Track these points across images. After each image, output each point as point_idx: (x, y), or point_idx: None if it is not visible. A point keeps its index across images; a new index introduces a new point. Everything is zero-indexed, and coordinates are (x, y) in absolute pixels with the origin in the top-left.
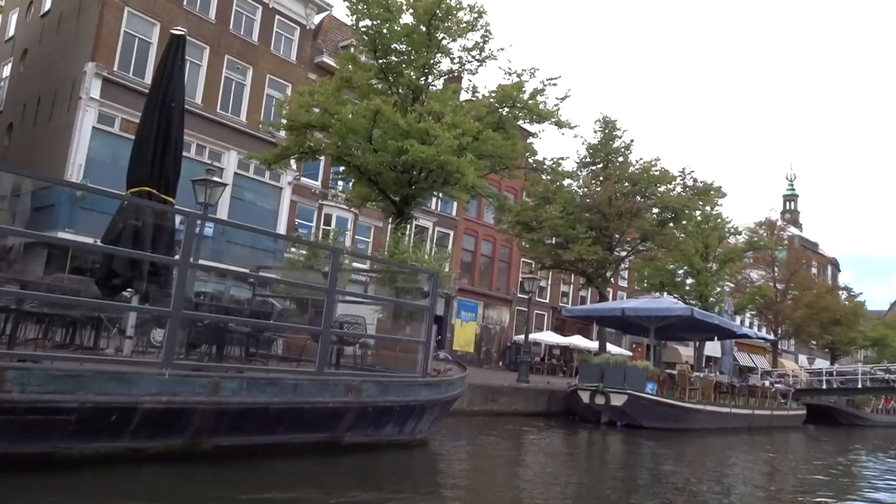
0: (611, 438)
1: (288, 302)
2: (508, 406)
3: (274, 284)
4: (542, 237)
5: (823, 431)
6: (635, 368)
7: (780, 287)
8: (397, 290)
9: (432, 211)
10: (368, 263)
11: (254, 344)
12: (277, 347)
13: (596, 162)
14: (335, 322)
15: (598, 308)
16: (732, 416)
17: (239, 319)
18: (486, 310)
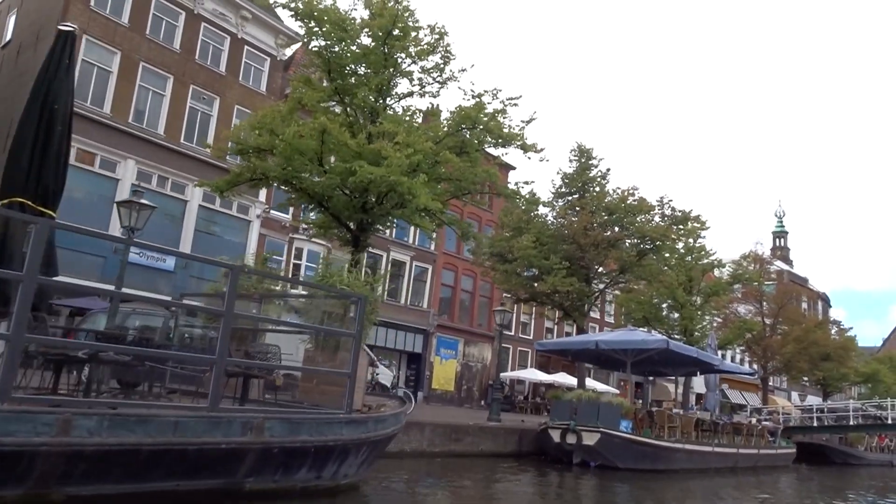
0: (581, 481)
1: (210, 331)
2: (474, 446)
3: (200, 313)
4: (517, 269)
5: (815, 471)
6: (609, 405)
7: (768, 322)
8: (323, 317)
9: (409, 245)
10: (301, 289)
11: (141, 376)
12: (200, 382)
13: (571, 192)
14: (244, 351)
15: (572, 341)
16: (715, 456)
17: (94, 345)
18: (466, 347)
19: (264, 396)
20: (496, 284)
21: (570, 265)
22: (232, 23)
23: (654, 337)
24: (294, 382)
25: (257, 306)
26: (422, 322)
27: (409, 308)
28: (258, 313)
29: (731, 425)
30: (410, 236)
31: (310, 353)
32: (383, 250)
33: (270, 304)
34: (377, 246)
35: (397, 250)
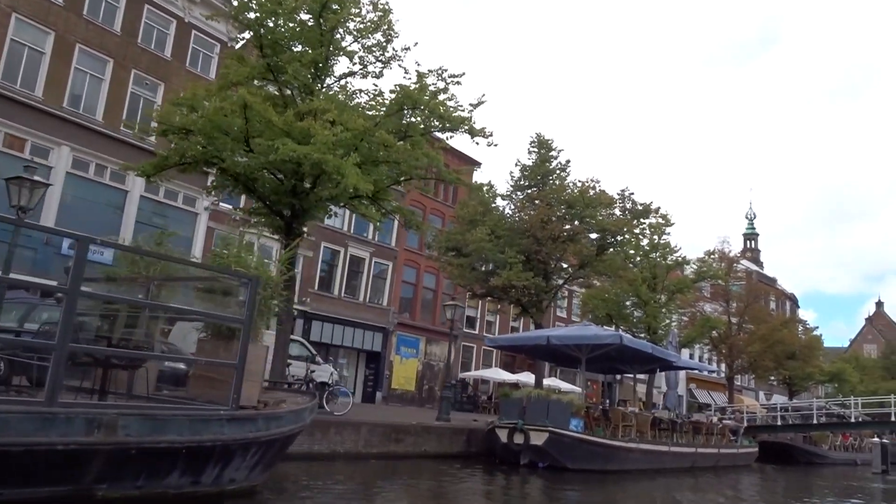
0: (527, 483)
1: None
2: (416, 447)
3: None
4: (472, 263)
5: (777, 470)
6: (559, 403)
7: (734, 320)
8: (214, 301)
9: (369, 241)
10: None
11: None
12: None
13: (530, 184)
14: (109, 340)
15: (524, 337)
16: (672, 456)
17: None
18: (428, 346)
19: (149, 392)
20: (451, 279)
21: (527, 259)
22: (178, 6)
23: (607, 332)
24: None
25: (145, 291)
26: (381, 320)
27: (369, 306)
28: (147, 299)
29: (690, 424)
30: (370, 232)
31: (202, 343)
32: (341, 246)
33: (165, 288)
34: (335, 241)
35: (356, 246)
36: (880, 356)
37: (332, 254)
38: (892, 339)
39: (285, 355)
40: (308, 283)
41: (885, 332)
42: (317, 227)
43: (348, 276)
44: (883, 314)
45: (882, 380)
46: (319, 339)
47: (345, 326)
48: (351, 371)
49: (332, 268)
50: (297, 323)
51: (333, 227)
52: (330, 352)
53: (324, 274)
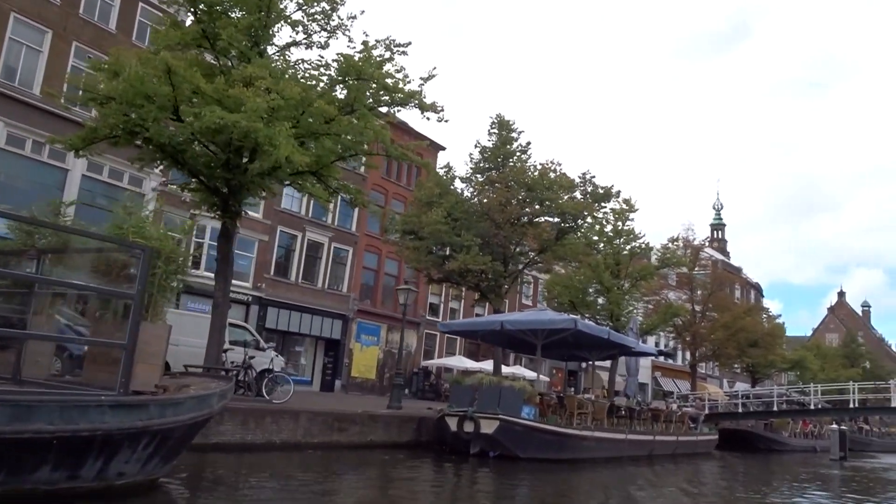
0: (476, 473)
1: None
2: (362, 437)
3: None
4: (427, 245)
5: (737, 458)
6: (511, 390)
7: (698, 308)
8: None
9: (328, 225)
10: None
11: None
12: None
13: (490, 166)
14: None
15: (477, 322)
16: (629, 444)
17: None
18: (390, 333)
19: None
20: (407, 263)
21: (485, 243)
22: None
23: (562, 317)
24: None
25: (35, 264)
26: (341, 307)
27: (328, 292)
28: (39, 272)
29: (649, 412)
30: (329, 216)
31: (97, 322)
32: (298, 230)
33: (61, 262)
34: (292, 225)
35: (314, 230)
36: (840, 345)
37: (288, 238)
38: (853, 328)
39: (221, 340)
40: (263, 269)
41: (847, 321)
42: (273, 211)
43: (306, 261)
44: (844, 304)
45: (842, 368)
46: (276, 326)
47: (302, 313)
48: (309, 359)
49: (289, 253)
50: (251, 309)
51: (290, 211)
52: (286, 339)
53: (280, 259)
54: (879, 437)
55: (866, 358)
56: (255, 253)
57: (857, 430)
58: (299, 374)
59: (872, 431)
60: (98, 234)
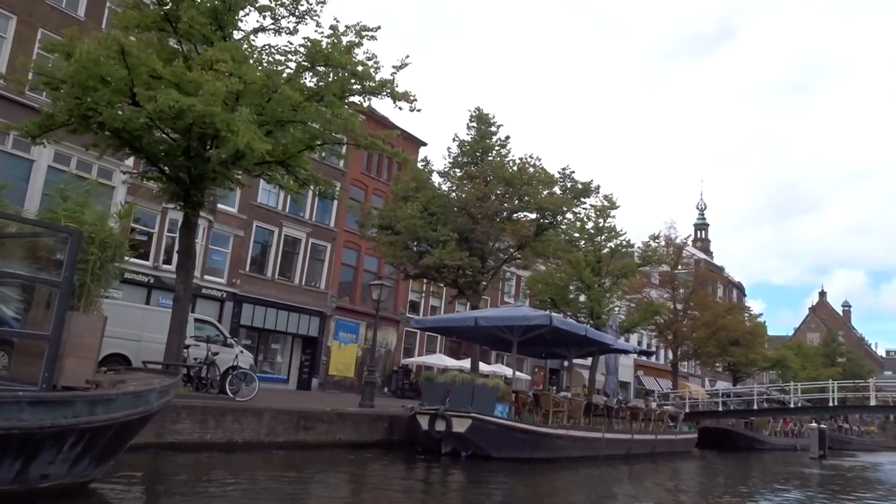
0: (448, 473)
1: None
2: (330, 436)
3: None
4: (403, 240)
5: (717, 456)
6: (484, 388)
7: (679, 307)
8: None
9: (305, 220)
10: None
11: None
12: None
13: (468, 162)
14: None
15: (452, 318)
16: (606, 443)
17: None
18: (369, 331)
19: None
20: (383, 258)
21: (463, 238)
22: None
23: (537, 313)
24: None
25: None
26: (319, 304)
27: (305, 289)
28: None
29: (628, 410)
30: (307, 211)
31: (28, 313)
32: (275, 225)
33: None
34: (268, 220)
35: (291, 226)
36: (821, 344)
37: (265, 233)
38: (834, 327)
39: (182, 335)
40: (239, 264)
41: (828, 321)
42: (249, 205)
43: (283, 257)
44: (826, 304)
45: (823, 367)
46: (251, 322)
47: (279, 310)
48: (285, 357)
49: (265, 248)
50: (226, 306)
51: (267, 206)
52: (262, 336)
53: (256, 255)
54: (859, 436)
55: (846, 357)
56: (231, 248)
57: (837, 428)
58: (276, 372)
59: (852, 430)
60: (20, 217)
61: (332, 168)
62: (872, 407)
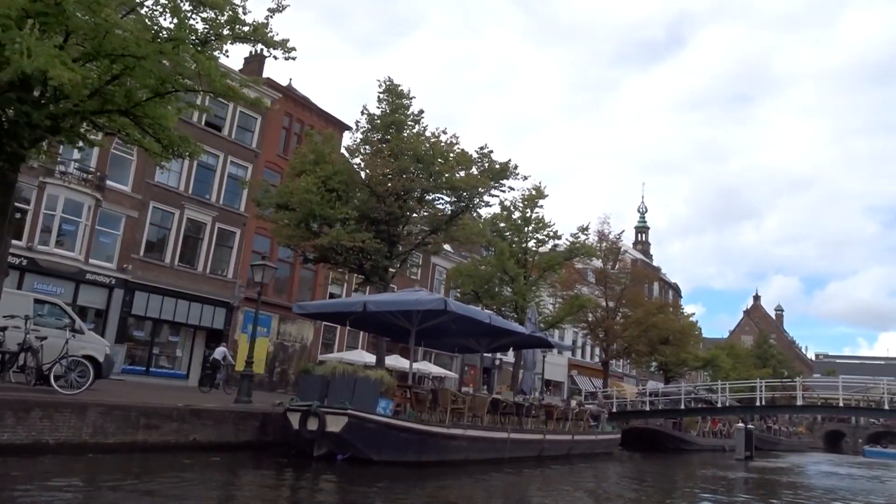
0: (317, 481)
1: None
2: (181, 436)
3: None
4: (297, 219)
5: (640, 458)
6: (366, 381)
7: (611, 304)
8: None
9: (211, 203)
10: None
11: None
12: None
13: (380, 139)
14: None
15: (338, 303)
16: (513, 443)
17: None
18: (282, 324)
19: None
20: (278, 240)
21: (367, 219)
22: None
23: (432, 296)
24: None
25: None
26: (225, 294)
27: (210, 277)
28: None
29: (542, 408)
30: (213, 193)
31: None
32: (176, 207)
33: None
34: (168, 202)
35: (195, 208)
36: (753, 346)
37: (164, 216)
38: (767, 330)
39: None
40: (131, 248)
41: (761, 323)
42: (145, 184)
43: (185, 242)
44: (760, 307)
45: (754, 368)
46: (145, 312)
47: (178, 300)
48: (185, 351)
49: (163, 232)
50: (114, 293)
51: (167, 186)
52: (158, 328)
53: (153, 239)
54: (787, 437)
55: (777, 359)
56: (122, 230)
57: (766, 429)
58: (174, 367)
59: (780, 431)
60: None
61: (245, 148)
62: (799, 407)
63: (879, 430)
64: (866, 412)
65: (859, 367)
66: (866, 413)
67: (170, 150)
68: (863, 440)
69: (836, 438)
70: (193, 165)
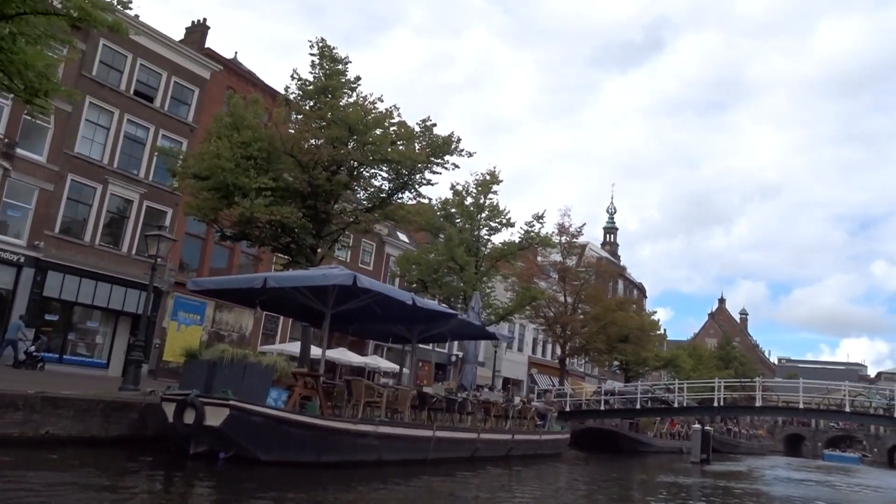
0: (182, 489)
1: None
2: (28, 428)
3: None
4: (209, 188)
5: (591, 460)
6: (257, 367)
7: (570, 299)
8: None
9: (140, 179)
10: None
11: None
12: None
13: (311, 108)
14: None
15: (236, 280)
16: (439, 443)
17: None
18: (218, 312)
19: None
20: (189, 213)
21: (294, 193)
22: None
23: (339, 271)
24: None
25: None
26: (154, 278)
27: (136, 259)
28: None
29: (480, 405)
30: (142, 168)
31: None
32: (98, 181)
33: None
34: (89, 175)
35: (121, 183)
36: (716, 347)
37: (84, 190)
38: (731, 333)
39: None
40: (45, 224)
41: (725, 326)
42: (62, 155)
43: (108, 220)
44: (725, 310)
45: (716, 369)
46: (59, 295)
47: (99, 282)
48: (106, 338)
49: (83, 208)
50: (23, 272)
51: (88, 157)
52: (75, 312)
53: (71, 215)
54: (747, 440)
55: (739, 360)
56: (34, 204)
57: (726, 431)
58: (92, 355)
59: (741, 433)
60: None
61: (180, 122)
62: (759, 408)
63: (838, 433)
64: (827, 415)
65: (821, 371)
66: (827, 416)
67: (31, 93)
68: (822, 444)
69: (797, 442)
70: (119, 137)
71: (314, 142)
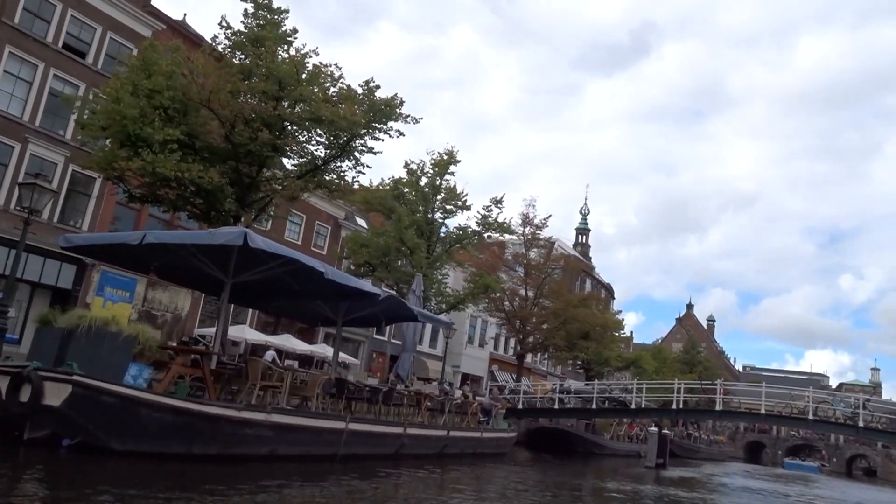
0: (5, 488)
1: None
2: None
3: None
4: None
5: (538, 462)
6: (116, 337)
7: (531, 293)
8: None
9: (65, 141)
10: None
11: None
12: None
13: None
14: None
15: (114, 237)
16: (352, 436)
17: None
18: (150, 290)
19: None
20: (83, 164)
21: (208, 150)
22: None
23: (229, 230)
24: None
25: None
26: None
27: (58, 227)
28: None
29: (415, 395)
30: (69, 129)
31: None
32: (17, 140)
33: None
34: (6, 133)
35: (43, 143)
36: (681, 351)
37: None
38: (698, 338)
39: None
40: None
41: (692, 331)
42: None
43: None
44: (692, 316)
45: (680, 373)
46: None
47: (12, 250)
48: (20, 311)
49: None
50: None
51: (4, 113)
52: None
53: None
54: (708, 445)
55: (704, 365)
56: None
57: (686, 435)
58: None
59: (701, 438)
60: None
61: None
62: (719, 412)
63: (798, 442)
64: (789, 421)
65: (784, 380)
66: (789, 423)
67: None
68: (782, 452)
69: (757, 449)
70: (44, 93)
71: (240, 96)
